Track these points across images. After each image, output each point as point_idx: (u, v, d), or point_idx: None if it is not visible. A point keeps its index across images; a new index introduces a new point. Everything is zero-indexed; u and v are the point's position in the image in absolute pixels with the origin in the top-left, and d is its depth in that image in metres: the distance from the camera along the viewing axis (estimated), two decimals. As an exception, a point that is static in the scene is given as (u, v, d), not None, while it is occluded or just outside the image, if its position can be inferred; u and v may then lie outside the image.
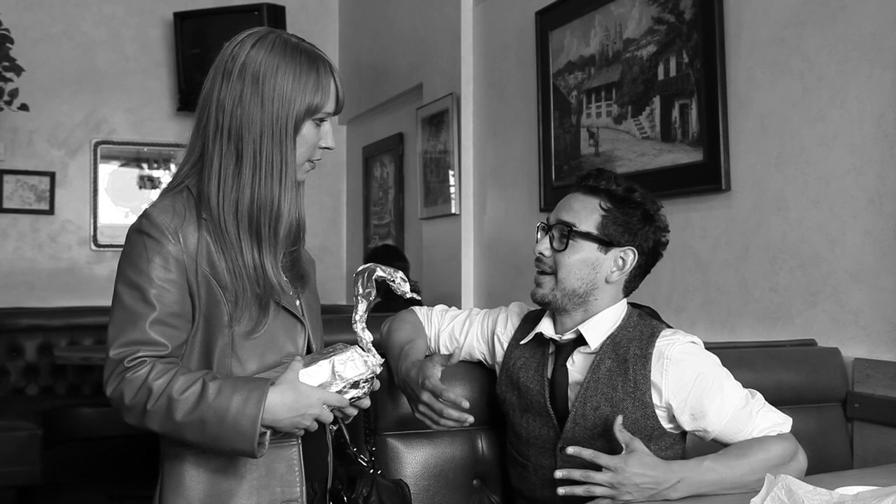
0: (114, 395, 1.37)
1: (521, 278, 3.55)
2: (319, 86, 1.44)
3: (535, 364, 1.71)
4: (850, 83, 2.22)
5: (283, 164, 1.43)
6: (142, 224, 1.41)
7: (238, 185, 1.42)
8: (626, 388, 1.62)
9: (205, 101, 1.46)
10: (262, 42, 1.44)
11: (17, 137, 4.97)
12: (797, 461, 1.58)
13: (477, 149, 4.00)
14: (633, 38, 2.95)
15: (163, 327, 1.38)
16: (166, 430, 1.36)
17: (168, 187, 1.49)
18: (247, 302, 1.42)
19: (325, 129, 1.48)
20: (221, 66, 1.45)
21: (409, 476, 1.81)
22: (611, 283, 1.68)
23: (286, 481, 1.46)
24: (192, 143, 1.48)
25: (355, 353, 1.43)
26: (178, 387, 1.33)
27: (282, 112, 1.41)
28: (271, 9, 4.93)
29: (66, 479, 4.29)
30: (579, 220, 1.66)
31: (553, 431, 1.66)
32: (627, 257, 1.68)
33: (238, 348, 1.42)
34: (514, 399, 1.73)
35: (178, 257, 1.39)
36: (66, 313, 4.75)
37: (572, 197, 1.71)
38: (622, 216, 1.66)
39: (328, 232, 5.66)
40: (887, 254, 2.13)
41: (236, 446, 1.34)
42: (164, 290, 1.38)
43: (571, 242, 1.65)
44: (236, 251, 1.42)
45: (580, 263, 1.65)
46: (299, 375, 1.38)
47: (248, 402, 1.33)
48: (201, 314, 1.41)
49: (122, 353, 1.36)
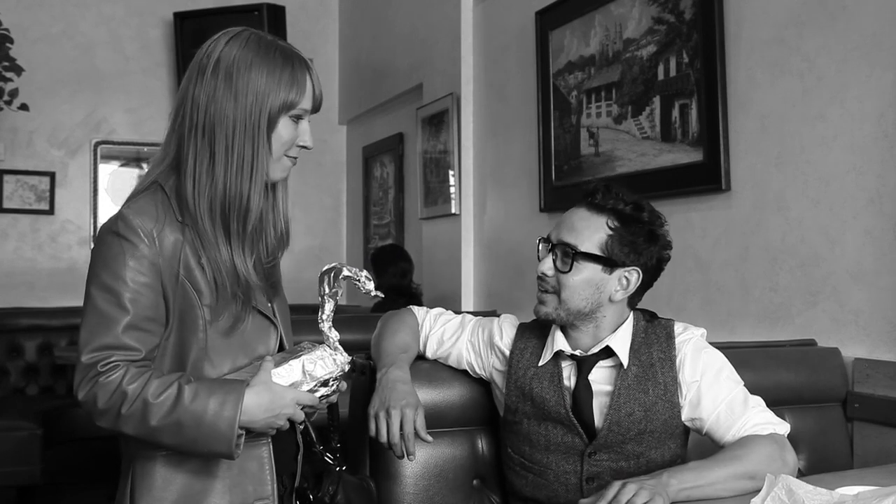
0: (86, 398, 1.35)
1: (521, 278, 3.55)
2: (294, 81, 1.43)
3: (549, 375, 1.71)
4: (850, 83, 2.22)
5: (254, 160, 1.41)
6: (117, 226, 1.40)
7: (212, 182, 1.41)
8: (657, 392, 1.65)
9: (180, 99, 1.45)
10: (236, 39, 1.44)
11: (17, 137, 4.97)
12: (784, 464, 1.53)
13: (477, 149, 4.00)
14: (633, 38, 2.95)
15: (136, 332, 1.37)
16: (141, 433, 1.35)
17: (142, 186, 1.47)
18: (226, 299, 1.41)
19: (303, 128, 1.47)
20: (196, 64, 1.44)
21: (409, 476, 1.81)
22: (615, 302, 1.67)
23: (258, 479, 1.47)
24: (166, 142, 1.47)
25: (324, 351, 1.45)
26: (152, 391, 1.32)
27: (255, 107, 1.40)
28: (271, 9, 4.93)
29: (66, 479, 4.28)
30: (583, 241, 1.64)
31: (579, 439, 1.67)
32: (632, 277, 1.67)
33: (212, 350, 1.42)
34: (528, 409, 1.72)
35: (153, 260, 1.38)
36: (66, 313, 4.74)
37: (576, 213, 1.68)
38: (629, 236, 1.65)
39: (328, 232, 5.65)
40: (887, 254, 2.13)
41: (214, 448, 1.34)
42: (138, 294, 1.37)
43: (576, 264, 1.64)
44: (214, 248, 1.42)
45: (584, 284, 1.65)
46: (272, 376, 1.38)
47: (224, 404, 1.33)
48: (175, 317, 1.41)
49: (94, 357, 1.35)
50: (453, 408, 1.87)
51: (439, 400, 1.85)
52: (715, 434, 1.63)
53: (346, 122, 5.65)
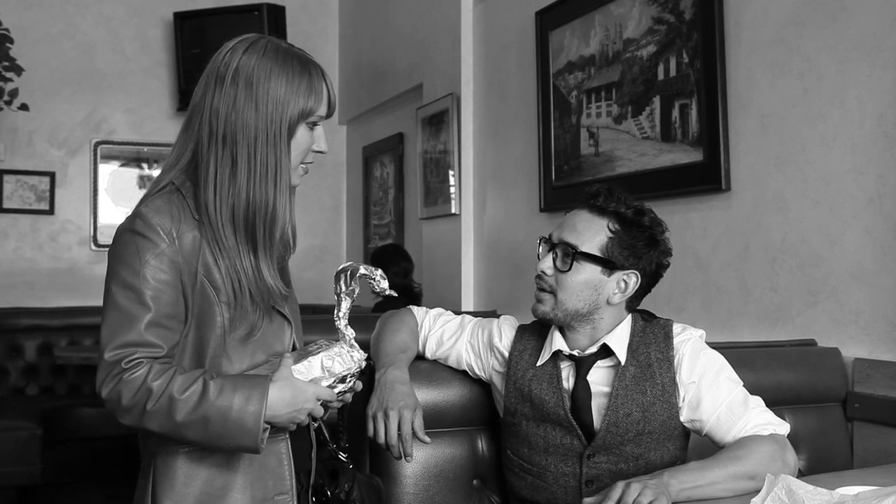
0: (110, 396, 1.36)
1: (521, 278, 3.55)
2: (312, 89, 1.45)
3: (548, 377, 1.71)
4: (850, 83, 2.22)
5: (277, 168, 1.43)
6: (135, 224, 1.41)
7: (234, 190, 1.42)
8: (655, 392, 1.64)
9: (197, 107, 1.46)
10: (253, 47, 1.45)
11: (17, 137, 4.97)
12: (785, 464, 1.54)
13: (477, 149, 4.00)
14: (633, 38, 2.95)
15: (158, 329, 1.38)
16: (166, 429, 1.36)
17: (157, 188, 1.48)
18: (245, 309, 1.43)
19: (319, 133, 1.50)
20: (214, 72, 1.45)
21: (409, 476, 1.81)
22: (612, 304, 1.68)
23: (277, 475, 1.49)
24: (180, 147, 1.48)
25: (341, 348, 1.47)
26: (177, 387, 1.34)
27: (275, 115, 1.42)
28: (271, 9, 4.93)
29: (66, 479, 4.28)
30: (583, 242, 1.65)
31: (578, 440, 1.67)
32: (630, 280, 1.68)
33: (230, 349, 1.44)
34: (527, 410, 1.72)
35: (172, 258, 1.40)
36: (66, 313, 4.75)
37: (578, 215, 1.70)
38: (629, 239, 1.66)
39: (328, 232, 5.65)
40: (887, 254, 2.13)
41: (240, 443, 1.36)
42: (159, 292, 1.38)
43: (575, 264, 1.65)
44: (234, 257, 1.43)
45: (582, 285, 1.65)
46: (292, 371, 1.41)
47: (250, 399, 1.35)
48: (193, 315, 1.42)
49: (118, 354, 1.36)
50: (453, 408, 1.87)
51: (439, 400, 1.85)
52: (715, 435, 1.63)
53: (346, 122, 5.65)
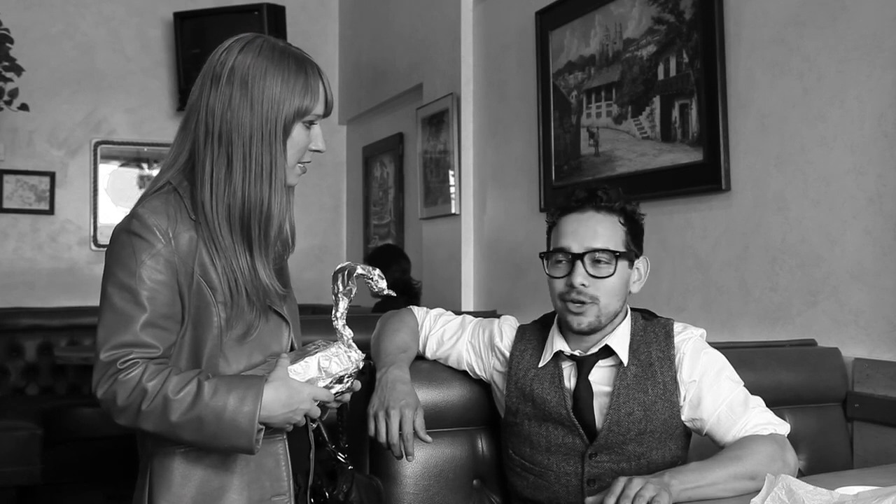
0: (106, 396, 1.36)
1: (521, 278, 3.55)
2: (308, 88, 1.45)
3: (549, 376, 1.71)
4: (850, 83, 2.22)
5: (272, 167, 1.43)
6: (132, 225, 1.41)
7: (230, 189, 1.42)
8: (657, 391, 1.65)
9: (193, 106, 1.46)
10: (249, 46, 1.45)
11: (17, 137, 4.97)
12: (785, 464, 1.54)
13: (477, 149, 4.00)
14: (633, 38, 2.95)
15: (154, 329, 1.38)
16: (161, 430, 1.36)
17: (155, 188, 1.48)
18: (241, 308, 1.43)
19: (315, 132, 1.49)
20: (210, 71, 1.45)
21: (409, 476, 1.81)
22: (632, 294, 1.74)
23: (274, 476, 1.49)
24: (178, 146, 1.48)
25: (339, 348, 1.47)
26: (172, 387, 1.34)
27: (271, 114, 1.42)
28: (271, 9, 4.93)
29: (66, 479, 4.28)
30: (614, 243, 1.68)
31: (580, 440, 1.67)
32: (642, 266, 1.75)
33: (227, 349, 1.44)
34: (529, 410, 1.73)
35: (168, 259, 1.40)
36: (66, 313, 4.75)
37: (592, 219, 1.69)
38: (635, 229, 1.73)
39: (328, 232, 5.65)
40: (887, 254, 2.13)
41: (234, 443, 1.36)
42: (155, 292, 1.38)
43: (617, 266, 1.67)
44: (231, 256, 1.43)
45: (621, 285, 1.69)
46: (288, 372, 1.41)
47: (244, 399, 1.35)
48: (190, 315, 1.42)
49: (114, 355, 1.36)
50: (453, 408, 1.87)
51: (439, 400, 1.85)
52: (715, 435, 1.63)
53: (346, 122, 5.65)
